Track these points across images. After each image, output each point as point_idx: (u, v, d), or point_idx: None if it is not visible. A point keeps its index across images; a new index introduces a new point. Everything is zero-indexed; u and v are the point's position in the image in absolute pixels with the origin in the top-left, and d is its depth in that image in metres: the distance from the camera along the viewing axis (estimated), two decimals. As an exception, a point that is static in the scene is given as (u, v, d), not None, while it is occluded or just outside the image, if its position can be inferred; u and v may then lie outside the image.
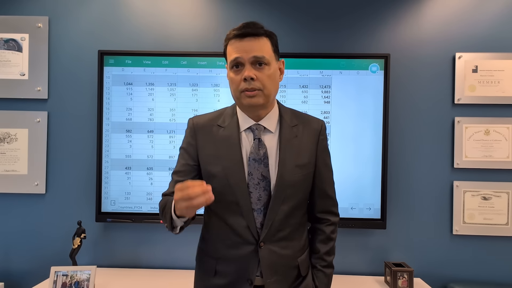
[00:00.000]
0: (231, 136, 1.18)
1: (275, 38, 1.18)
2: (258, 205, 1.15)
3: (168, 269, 2.15)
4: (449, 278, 2.12)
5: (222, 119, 1.22)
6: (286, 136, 1.18)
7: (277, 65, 1.18)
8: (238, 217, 1.15)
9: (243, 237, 1.16)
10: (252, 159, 1.15)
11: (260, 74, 1.10)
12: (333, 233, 1.29)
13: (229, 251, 1.17)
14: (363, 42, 2.17)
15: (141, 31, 2.19)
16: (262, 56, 1.10)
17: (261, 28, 1.13)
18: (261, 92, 1.11)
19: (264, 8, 2.19)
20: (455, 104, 2.14)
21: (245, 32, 1.10)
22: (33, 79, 2.18)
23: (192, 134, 1.23)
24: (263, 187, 1.15)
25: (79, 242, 1.98)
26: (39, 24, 2.18)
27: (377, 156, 2.07)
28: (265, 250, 1.15)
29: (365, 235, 2.15)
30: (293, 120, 1.23)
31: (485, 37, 2.13)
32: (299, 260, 1.21)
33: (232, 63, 1.12)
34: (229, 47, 1.14)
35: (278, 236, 1.17)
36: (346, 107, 2.10)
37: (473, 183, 2.11)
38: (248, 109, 1.17)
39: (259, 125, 1.19)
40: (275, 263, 1.16)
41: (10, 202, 2.19)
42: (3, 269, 2.18)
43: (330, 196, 1.29)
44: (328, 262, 1.26)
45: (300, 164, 1.18)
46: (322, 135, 1.25)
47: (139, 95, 2.13)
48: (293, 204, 1.18)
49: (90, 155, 2.17)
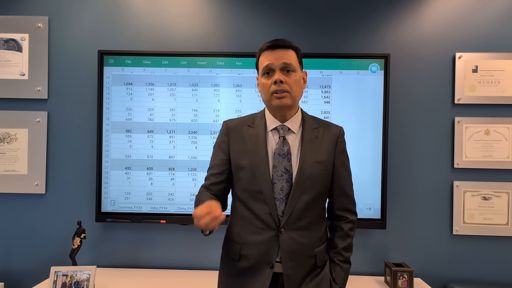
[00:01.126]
0: (259, 134, 1.34)
1: (300, 51, 1.36)
2: (280, 195, 1.28)
3: (168, 269, 2.15)
4: (449, 278, 2.12)
5: (252, 121, 1.38)
6: (307, 136, 1.33)
7: (301, 74, 1.34)
8: (262, 205, 1.28)
9: (266, 222, 1.28)
10: (277, 154, 1.30)
11: (288, 79, 1.27)
12: (351, 231, 1.38)
13: (252, 236, 1.29)
14: (363, 42, 2.17)
15: (141, 31, 2.20)
16: (290, 63, 1.28)
17: (289, 43, 1.33)
18: (289, 94, 1.27)
19: (265, 8, 2.19)
20: (455, 104, 2.14)
21: (276, 44, 1.30)
22: (33, 79, 2.18)
23: (226, 133, 1.38)
24: (285, 179, 1.29)
25: (79, 242, 1.98)
26: (39, 24, 2.18)
27: (377, 156, 2.07)
28: (285, 236, 1.27)
29: (365, 235, 2.15)
30: (314, 124, 1.37)
31: (485, 37, 2.13)
32: (316, 250, 1.31)
33: (264, 70, 1.29)
34: (261, 57, 1.32)
35: (298, 224, 1.28)
36: (346, 107, 2.09)
37: (473, 183, 2.11)
38: (276, 110, 1.32)
39: (284, 125, 1.33)
40: (293, 249, 1.27)
41: (10, 202, 2.19)
42: (3, 269, 2.19)
43: (348, 194, 1.40)
44: (345, 257, 1.36)
45: (319, 160, 1.31)
46: (341, 138, 1.38)
47: (139, 95, 2.13)
48: (312, 196, 1.30)
49: (90, 155, 2.17)
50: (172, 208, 2.11)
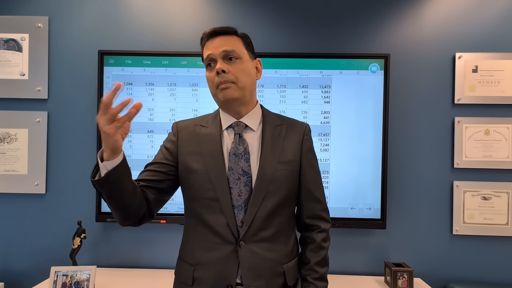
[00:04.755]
0: (213, 133, 1.18)
1: (248, 39, 1.20)
2: (238, 201, 1.11)
3: (168, 269, 2.15)
4: (449, 278, 2.12)
5: (206, 121, 1.24)
6: (268, 134, 1.18)
7: (252, 63, 1.18)
8: (218, 215, 1.11)
9: (223, 236, 1.10)
10: (232, 154, 1.14)
11: (231, 68, 1.12)
12: (325, 242, 1.20)
13: (207, 254, 1.11)
14: (363, 42, 2.17)
15: (141, 31, 2.20)
16: (232, 50, 1.12)
17: (232, 29, 1.16)
18: (235, 85, 1.12)
19: (265, 9, 2.19)
20: (455, 104, 2.14)
21: (217, 31, 1.14)
22: (33, 79, 2.18)
23: (175, 133, 1.23)
24: (243, 182, 1.12)
25: (79, 242, 1.98)
26: (39, 24, 2.18)
27: (377, 156, 2.07)
28: (245, 251, 1.09)
29: (365, 235, 2.15)
30: (276, 121, 1.22)
31: (485, 37, 2.13)
32: (285, 267, 1.13)
33: (206, 62, 1.15)
34: (204, 49, 1.17)
35: (260, 235, 1.11)
36: (346, 107, 2.10)
37: (473, 183, 2.11)
38: (225, 105, 1.17)
39: (240, 122, 1.18)
40: (256, 265, 1.09)
41: (10, 202, 2.19)
42: (3, 269, 2.19)
43: (318, 199, 1.22)
44: (320, 274, 1.17)
45: (283, 160, 1.16)
46: (307, 136, 1.23)
47: (139, 95, 2.13)
48: (276, 202, 1.13)
49: (90, 155, 2.17)
50: (172, 208, 2.11)
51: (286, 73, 2.10)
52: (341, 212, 2.06)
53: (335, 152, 2.09)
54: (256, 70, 1.20)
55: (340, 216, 2.06)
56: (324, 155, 2.08)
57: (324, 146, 2.09)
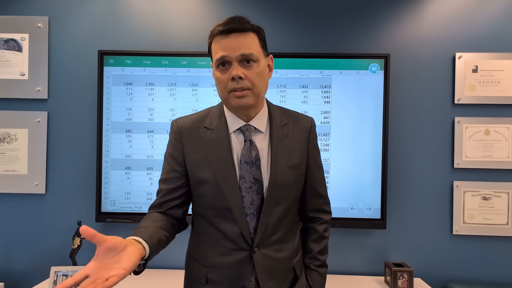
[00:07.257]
0: (220, 138, 1.11)
1: (262, 33, 1.09)
2: (251, 210, 1.10)
3: (168, 269, 2.15)
4: (449, 278, 2.12)
5: (209, 121, 1.15)
6: (277, 136, 1.13)
7: (265, 61, 1.10)
8: (231, 224, 1.09)
9: (236, 243, 1.10)
10: (244, 162, 1.09)
11: (248, 72, 1.03)
12: (326, 232, 1.25)
13: (221, 258, 1.11)
14: (363, 42, 2.17)
15: (141, 31, 2.19)
16: (250, 54, 1.02)
17: (248, 23, 1.04)
18: (251, 91, 1.04)
19: (265, 9, 2.19)
20: (455, 104, 2.14)
21: (230, 28, 1.02)
22: (33, 79, 2.18)
23: (177, 138, 1.15)
24: (255, 190, 1.09)
25: (79, 242, 1.98)
26: (39, 24, 2.18)
27: (377, 156, 2.07)
28: (259, 255, 1.10)
29: (365, 235, 2.15)
30: (283, 119, 1.18)
31: (485, 37, 2.13)
32: (294, 261, 1.17)
33: (218, 62, 1.05)
34: (214, 45, 1.07)
35: (272, 239, 1.12)
36: (346, 107, 2.09)
37: (473, 183, 2.11)
38: (237, 110, 1.10)
39: (249, 125, 1.12)
40: (270, 267, 1.11)
41: (10, 202, 2.19)
42: (3, 269, 2.18)
43: (321, 195, 1.25)
44: (321, 261, 1.23)
45: (292, 165, 1.13)
46: (312, 133, 1.21)
47: (139, 95, 2.13)
48: (286, 206, 1.14)
49: (90, 155, 2.17)
50: (172, 208, 2.11)
51: (286, 73, 2.10)
52: (341, 212, 2.06)
53: (335, 152, 2.09)
54: (268, 68, 1.13)
55: (340, 216, 2.06)
56: (324, 155, 2.08)
57: (324, 146, 2.09)
